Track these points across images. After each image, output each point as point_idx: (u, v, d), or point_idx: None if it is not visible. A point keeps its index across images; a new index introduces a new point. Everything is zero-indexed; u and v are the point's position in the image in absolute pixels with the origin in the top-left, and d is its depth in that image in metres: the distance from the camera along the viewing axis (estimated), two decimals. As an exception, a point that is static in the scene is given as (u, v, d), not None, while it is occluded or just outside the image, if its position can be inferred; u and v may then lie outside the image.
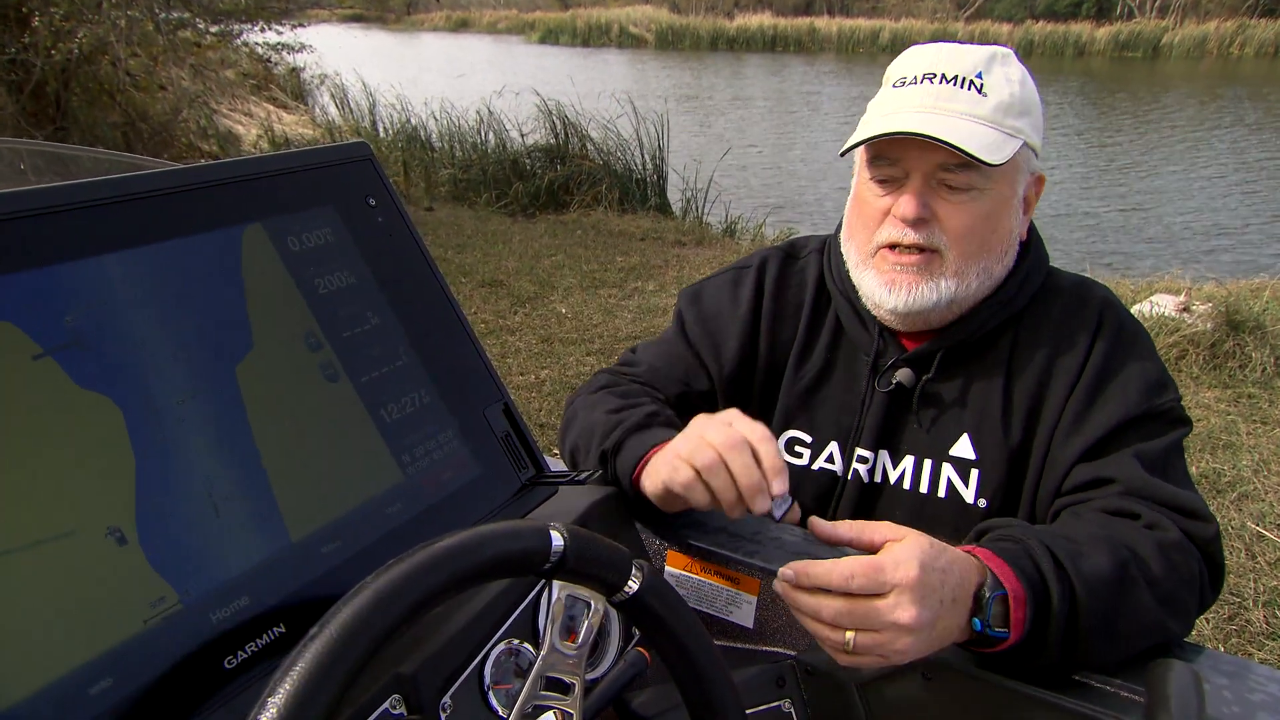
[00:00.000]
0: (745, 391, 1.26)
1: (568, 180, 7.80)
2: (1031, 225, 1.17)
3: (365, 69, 10.89)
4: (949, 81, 1.06)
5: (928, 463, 1.15)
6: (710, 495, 0.92)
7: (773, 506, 0.89)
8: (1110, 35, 28.18)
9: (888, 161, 1.08)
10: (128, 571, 0.60)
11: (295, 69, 12.25)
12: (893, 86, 1.11)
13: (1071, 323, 1.11)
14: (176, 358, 0.66)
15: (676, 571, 1.08)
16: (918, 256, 1.08)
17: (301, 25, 10.42)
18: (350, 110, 10.05)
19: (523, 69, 19.57)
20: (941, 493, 1.14)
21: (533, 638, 0.77)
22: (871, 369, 1.17)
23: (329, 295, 0.78)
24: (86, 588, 0.58)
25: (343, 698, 0.48)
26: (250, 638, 0.64)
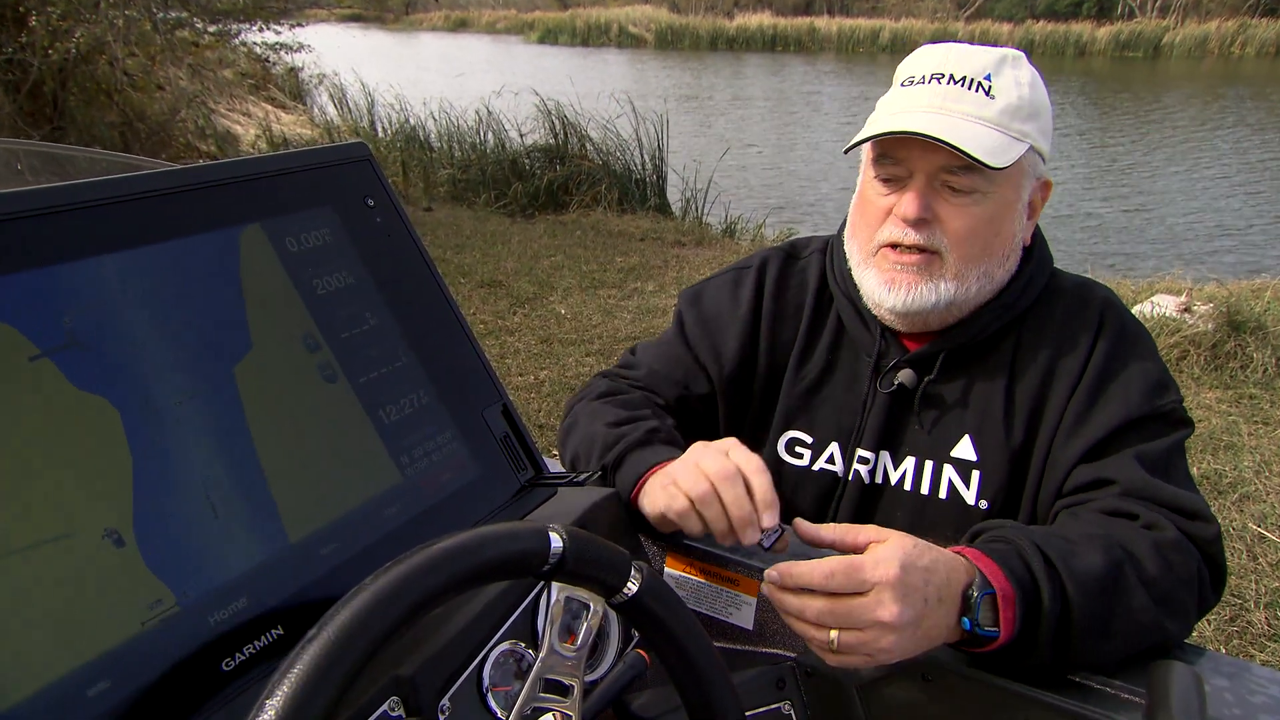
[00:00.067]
0: (745, 392, 1.25)
1: (567, 180, 7.80)
2: (1036, 228, 1.17)
3: (364, 69, 10.87)
4: (957, 82, 1.06)
5: (929, 464, 1.14)
6: (703, 524, 0.94)
7: (762, 538, 0.91)
8: (1111, 35, 28.18)
9: (892, 160, 1.08)
10: (125, 573, 0.60)
11: (293, 69, 12.25)
12: (901, 85, 1.11)
13: (1073, 324, 1.11)
14: (174, 359, 0.66)
15: (676, 573, 1.08)
16: (918, 257, 1.08)
17: (300, 25, 10.42)
18: (349, 110, 10.04)
19: (522, 69, 19.57)
20: (943, 494, 1.13)
21: (532, 639, 0.77)
22: (873, 370, 1.17)
23: (327, 296, 0.77)
24: (84, 590, 0.57)
25: (341, 700, 0.48)
26: (248, 640, 0.64)
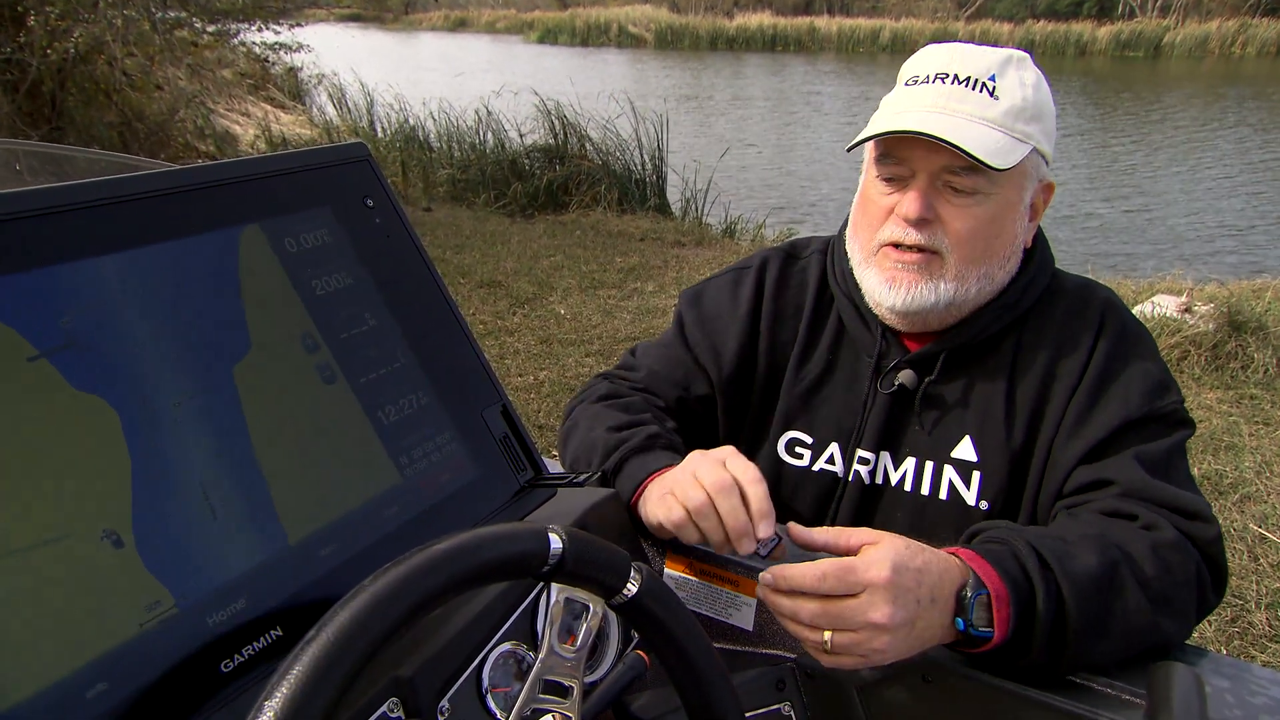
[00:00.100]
0: (745, 393, 1.25)
1: (566, 180, 7.79)
2: (1038, 229, 1.16)
3: (363, 69, 10.85)
4: (961, 82, 1.05)
5: (929, 465, 1.14)
6: (700, 535, 0.95)
7: (758, 547, 0.92)
8: (1112, 35, 28.16)
9: (894, 160, 1.08)
10: (123, 575, 0.59)
11: (293, 69, 12.24)
12: (905, 84, 1.10)
13: (1074, 325, 1.11)
14: (173, 360, 0.66)
15: (675, 574, 1.08)
16: (918, 256, 1.08)
17: (299, 25, 10.40)
18: (348, 110, 10.03)
19: (521, 69, 19.56)
20: (943, 495, 1.13)
21: (531, 640, 0.77)
22: (874, 370, 1.17)
23: (326, 296, 0.77)
24: (82, 591, 0.57)
25: (340, 701, 0.48)
26: (247, 641, 0.64)
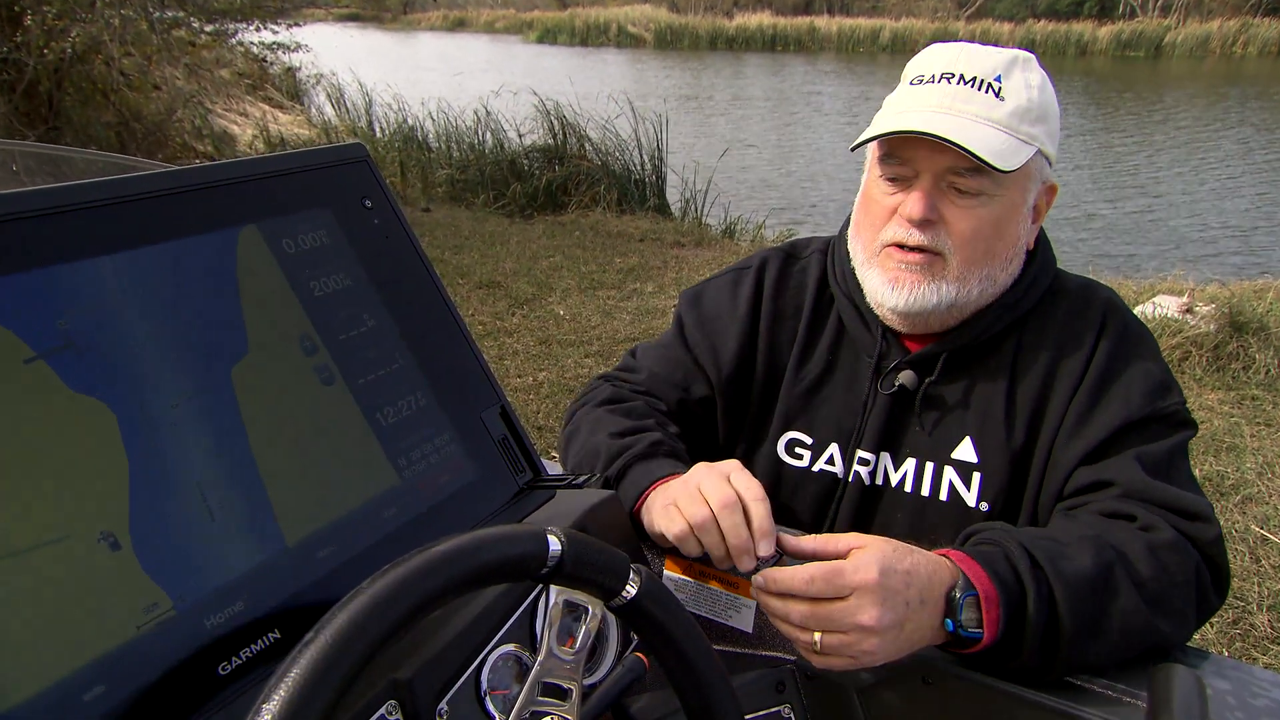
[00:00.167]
0: (744, 393, 1.25)
1: (566, 181, 7.79)
2: (1040, 229, 1.16)
3: (361, 68, 10.85)
4: (967, 83, 1.05)
5: (929, 465, 1.14)
6: (701, 548, 0.96)
7: (758, 564, 0.92)
8: (1112, 34, 28.15)
9: (898, 160, 1.07)
10: (121, 577, 0.59)
11: (291, 69, 12.23)
12: (909, 84, 1.10)
13: (1075, 325, 1.11)
14: (171, 361, 0.66)
15: (675, 576, 1.07)
16: (921, 257, 1.07)
17: (297, 24, 10.41)
18: (346, 110, 10.04)
19: (520, 69, 19.56)
20: (943, 496, 1.13)
21: (530, 643, 0.76)
22: (874, 370, 1.17)
23: (324, 298, 0.77)
24: (79, 594, 0.57)
25: (338, 703, 0.48)
26: (245, 643, 0.63)
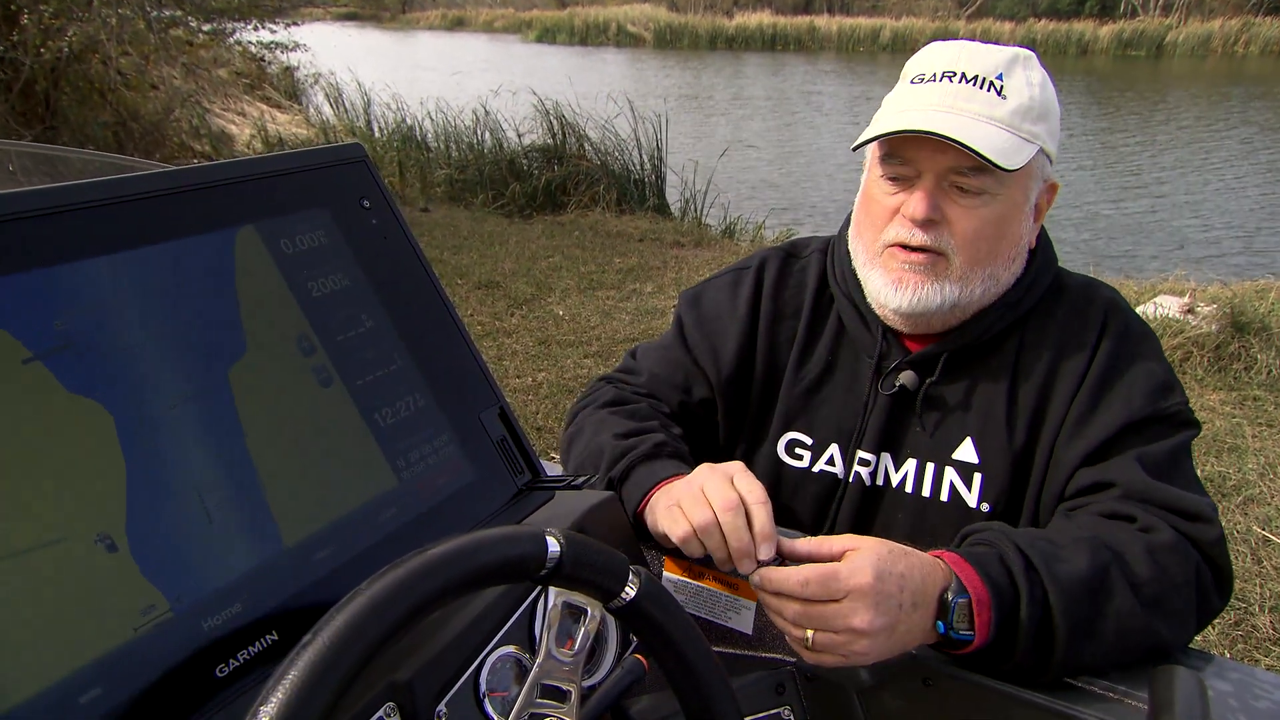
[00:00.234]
0: (744, 394, 1.25)
1: (565, 181, 7.78)
2: (1041, 228, 1.16)
3: (360, 68, 10.83)
4: (968, 81, 1.05)
5: (930, 466, 1.14)
6: (703, 550, 0.96)
7: (759, 567, 0.92)
8: (1114, 33, 28.12)
9: (900, 160, 1.07)
10: (118, 579, 0.59)
11: (289, 68, 12.22)
12: (910, 82, 1.09)
13: (1077, 325, 1.11)
14: (168, 362, 0.66)
15: (674, 577, 1.07)
16: (924, 257, 1.07)
17: (295, 24, 10.42)
18: (345, 110, 10.02)
19: (519, 68, 19.53)
20: (944, 496, 1.13)
21: (529, 644, 0.76)
22: (875, 371, 1.16)
23: (322, 298, 0.77)
24: (76, 595, 0.57)
25: (336, 705, 0.48)
26: (242, 645, 0.63)
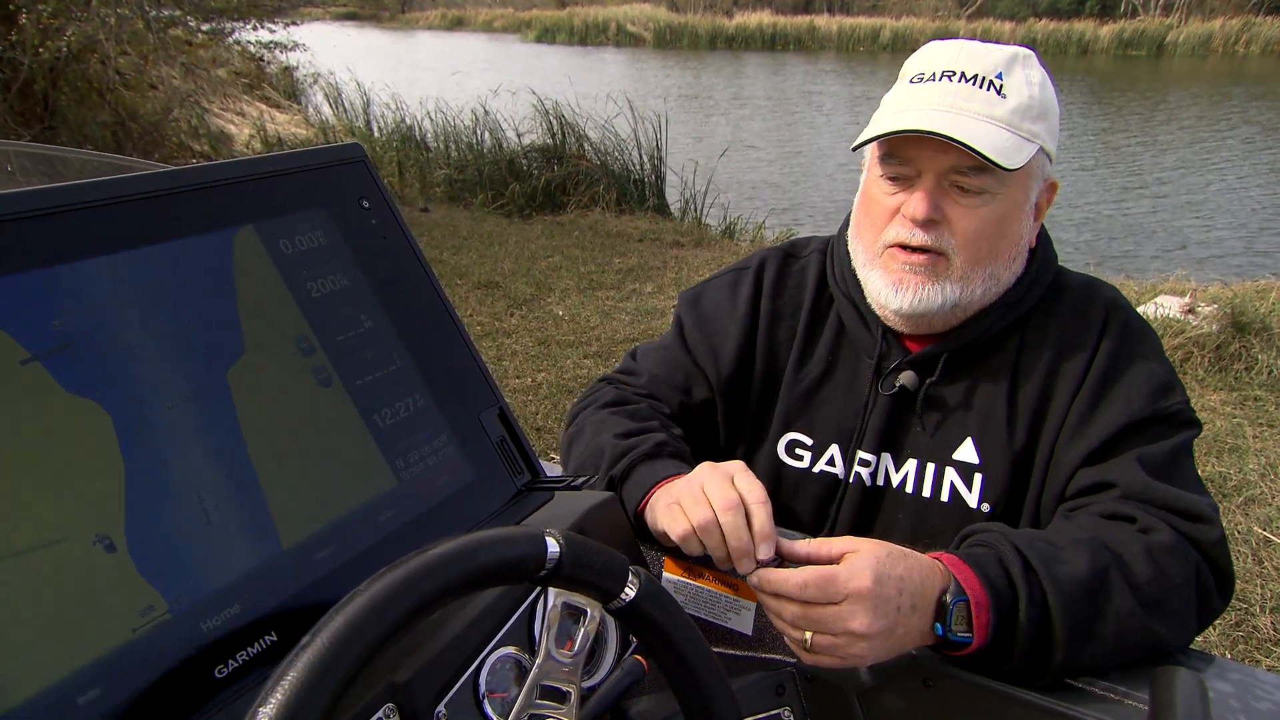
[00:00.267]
0: (744, 394, 1.25)
1: (565, 181, 7.78)
2: (1041, 227, 1.16)
3: (359, 68, 10.82)
4: (968, 80, 1.04)
5: (930, 466, 1.14)
6: (703, 548, 0.96)
7: (758, 567, 0.92)
8: (1114, 33, 28.09)
9: (899, 160, 1.07)
10: (116, 579, 0.59)
11: (288, 68, 12.22)
12: (909, 82, 1.09)
13: (1077, 324, 1.10)
14: (167, 362, 0.66)
15: (674, 578, 1.07)
16: (924, 257, 1.07)
17: (294, 23, 10.41)
18: (344, 110, 10.01)
19: (519, 68, 19.52)
20: (944, 497, 1.13)
21: (529, 645, 0.76)
22: (875, 371, 1.16)
23: (321, 299, 0.77)
24: (75, 596, 0.57)
25: (335, 707, 0.48)
26: (241, 646, 0.63)
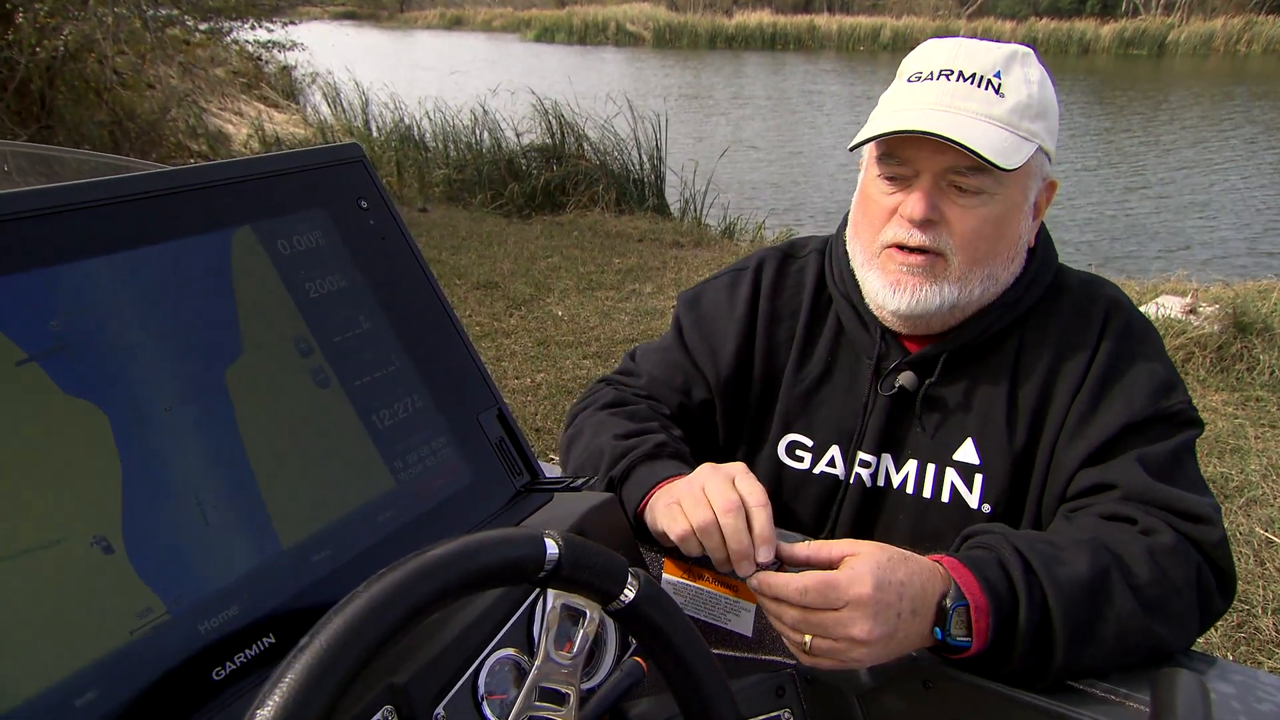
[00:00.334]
0: (743, 395, 1.24)
1: (564, 180, 7.77)
2: (1041, 226, 1.15)
3: (358, 67, 10.78)
4: (966, 79, 1.04)
5: (931, 467, 1.13)
6: (702, 549, 0.96)
7: (758, 570, 0.92)
8: (1115, 33, 28.05)
9: (897, 160, 1.06)
10: (114, 581, 0.59)
11: (286, 67, 12.20)
12: (907, 81, 1.08)
13: (1077, 323, 1.10)
14: (165, 363, 0.65)
15: (674, 579, 1.07)
16: (922, 258, 1.06)
17: (293, 23, 10.40)
18: (343, 109, 10.00)
19: (518, 67, 19.50)
20: (945, 498, 1.12)
21: (528, 647, 0.76)
22: (874, 372, 1.16)
23: (320, 299, 0.77)
24: (72, 598, 0.57)
25: (334, 709, 0.48)
26: (239, 648, 0.63)
